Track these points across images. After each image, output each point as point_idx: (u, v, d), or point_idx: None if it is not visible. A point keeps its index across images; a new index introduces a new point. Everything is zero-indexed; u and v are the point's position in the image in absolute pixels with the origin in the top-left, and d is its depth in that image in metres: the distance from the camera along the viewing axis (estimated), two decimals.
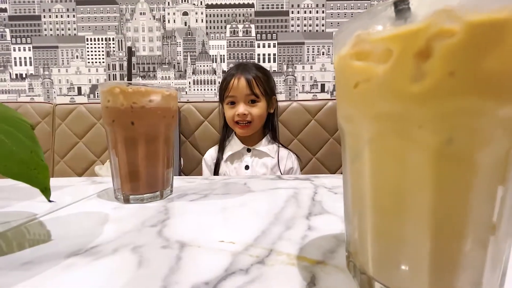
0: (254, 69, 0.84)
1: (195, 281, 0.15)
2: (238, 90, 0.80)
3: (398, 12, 0.11)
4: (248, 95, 0.80)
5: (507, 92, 0.09)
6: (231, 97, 0.82)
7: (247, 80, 0.80)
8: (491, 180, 0.10)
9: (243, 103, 0.81)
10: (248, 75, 0.81)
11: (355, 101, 0.13)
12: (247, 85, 0.80)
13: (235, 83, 0.80)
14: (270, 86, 0.85)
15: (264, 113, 0.84)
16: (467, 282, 0.11)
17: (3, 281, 0.16)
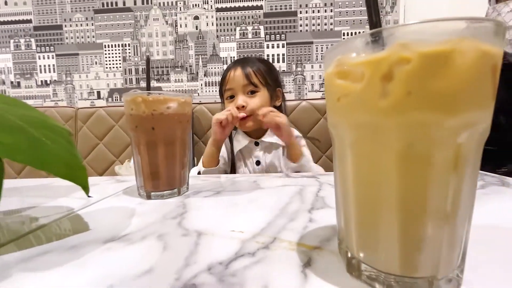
0: (254, 61, 0.79)
1: (210, 261, 0.18)
2: (235, 81, 0.75)
3: (372, 42, 0.13)
4: (246, 86, 0.75)
5: (451, 107, 0.12)
6: (229, 90, 0.77)
7: (244, 70, 0.75)
8: (444, 175, 0.13)
9: (241, 95, 0.75)
10: (246, 66, 0.76)
11: (339, 112, 0.15)
12: (244, 75, 0.75)
13: (231, 75, 0.76)
14: (273, 77, 0.80)
15: (267, 104, 0.78)
16: (429, 260, 0.13)
17: (57, 259, 0.19)
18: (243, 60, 0.80)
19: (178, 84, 1.29)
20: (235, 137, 0.85)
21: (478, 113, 0.12)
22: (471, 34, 0.11)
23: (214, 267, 0.18)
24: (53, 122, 0.28)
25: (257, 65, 0.77)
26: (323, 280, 0.16)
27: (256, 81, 0.75)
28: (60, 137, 0.26)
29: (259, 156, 0.82)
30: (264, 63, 0.81)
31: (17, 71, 1.32)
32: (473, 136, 0.13)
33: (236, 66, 0.77)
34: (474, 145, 0.13)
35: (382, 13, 1.20)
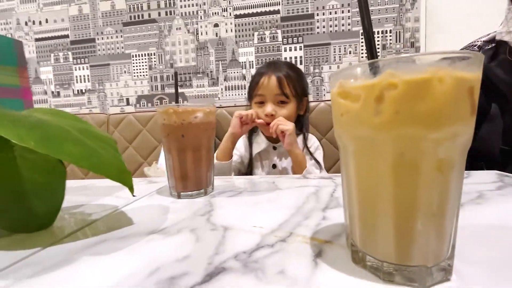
0: (286, 67, 0.79)
1: (236, 251, 0.22)
2: (268, 89, 0.77)
3: (368, 70, 0.16)
4: (277, 95, 0.77)
5: (432, 123, 0.14)
6: (260, 96, 0.79)
7: (278, 78, 0.76)
8: (430, 179, 0.15)
9: (271, 103, 0.77)
10: (279, 74, 0.77)
11: (342, 126, 0.18)
12: (278, 84, 0.76)
13: (265, 82, 0.77)
14: (302, 86, 0.81)
15: (293, 115, 0.80)
16: (421, 251, 0.16)
17: (113, 247, 0.24)
18: (276, 66, 0.80)
19: (200, 89, 1.35)
20: (255, 140, 0.88)
21: (458, 127, 0.15)
22: (448, 64, 0.14)
23: (239, 255, 0.21)
24: (102, 133, 0.33)
25: (289, 73, 0.78)
26: (332, 268, 0.19)
27: (288, 92, 0.77)
28: (109, 146, 0.31)
29: (275, 160, 0.85)
30: (295, 71, 0.81)
31: (57, 82, 1.46)
32: (455, 146, 0.15)
33: (270, 73, 0.78)
34: (457, 153, 0.15)
35: (402, 11, 1.18)
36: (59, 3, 1.42)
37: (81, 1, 1.40)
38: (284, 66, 0.81)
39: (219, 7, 1.29)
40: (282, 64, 0.82)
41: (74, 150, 0.25)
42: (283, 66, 0.80)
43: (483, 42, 0.58)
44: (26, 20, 1.45)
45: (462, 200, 0.32)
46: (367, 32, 0.17)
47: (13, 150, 0.27)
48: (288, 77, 0.77)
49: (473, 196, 0.33)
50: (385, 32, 1.19)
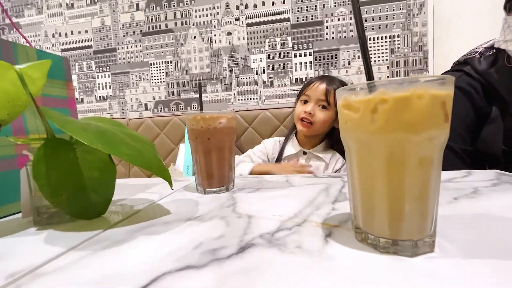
0: (338, 81, 0.90)
1: (261, 232, 0.27)
2: (315, 92, 0.87)
3: (366, 89, 0.21)
4: (321, 100, 0.86)
5: (414, 129, 0.19)
6: (306, 96, 0.89)
7: (327, 86, 0.87)
8: (414, 172, 0.20)
9: (314, 104, 0.87)
10: (329, 85, 0.87)
11: (346, 131, 0.23)
12: (325, 91, 0.86)
13: (314, 86, 0.88)
14: None
15: (329, 121, 0.89)
16: (409, 227, 0.21)
17: (159, 230, 0.29)
18: (330, 78, 0.91)
19: (214, 95, 1.42)
20: (289, 144, 0.97)
21: (434, 132, 0.19)
22: (425, 85, 0.19)
23: (263, 235, 0.26)
24: (142, 137, 0.39)
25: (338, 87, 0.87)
26: (339, 244, 0.23)
27: (331, 100, 0.86)
28: (150, 148, 0.36)
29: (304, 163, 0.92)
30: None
31: (81, 89, 1.56)
32: (432, 146, 0.20)
33: (323, 80, 0.89)
34: (434, 152, 0.20)
35: (410, 16, 1.21)
36: (83, 16, 1.52)
37: (103, 13, 1.50)
38: (337, 81, 0.91)
39: (232, 16, 1.36)
40: (336, 79, 0.92)
41: (128, 151, 0.30)
42: (336, 81, 0.91)
43: (484, 49, 0.61)
44: (53, 32, 1.57)
45: (458, 194, 0.36)
46: (365, 57, 0.22)
47: (75, 152, 0.34)
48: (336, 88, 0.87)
49: (468, 191, 0.37)
50: (393, 37, 1.22)
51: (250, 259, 0.22)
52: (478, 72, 0.58)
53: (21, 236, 0.30)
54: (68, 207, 0.32)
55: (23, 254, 0.25)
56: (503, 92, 0.54)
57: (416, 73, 1.22)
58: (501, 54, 0.56)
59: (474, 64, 0.60)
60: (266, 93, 1.37)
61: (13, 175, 0.39)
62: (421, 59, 1.21)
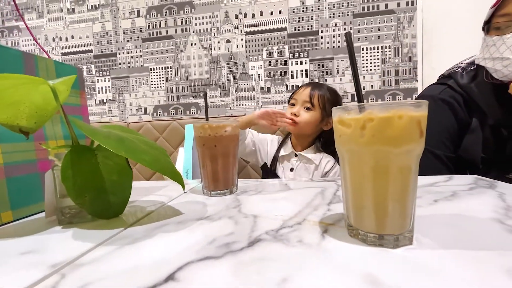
0: (324, 88, 0.99)
1: (266, 229, 0.31)
2: (300, 96, 0.97)
3: (357, 110, 0.25)
4: (305, 102, 0.96)
5: (395, 143, 0.23)
6: (293, 100, 0.99)
7: (311, 92, 0.96)
8: (396, 178, 0.24)
9: (299, 106, 0.97)
10: (314, 90, 0.96)
11: (340, 143, 0.27)
12: (309, 94, 0.96)
13: (301, 91, 0.98)
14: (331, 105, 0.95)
15: (314, 123, 0.96)
16: (392, 223, 0.25)
17: (174, 228, 0.33)
18: (318, 84, 1.01)
19: (213, 100, 1.45)
20: (283, 146, 1.05)
21: (411, 146, 0.24)
22: (404, 107, 0.23)
23: (269, 232, 0.30)
24: (156, 145, 0.42)
25: (324, 92, 0.97)
26: (334, 238, 0.27)
27: (315, 102, 0.95)
28: (163, 154, 0.40)
29: (294, 165, 1.01)
30: (331, 93, 0.99)
31: None
32: (410, 157, 0.24)
33: (308, 86, 0.99)
34: (413, 161, 0.24)
35: (400, 28, 1.27)
36: (84, 21, 1.55)
37: (104, 19, 1.53)
38: (324, 87, 1.00)
39: (231, 24, 1.41)
40: (324, 85, 1.01)
41: (147, 158, 0.34)
42: (323, 86, 0.99)
43: (466, 64, 0.67)
44: (54, 36, 1.59)
45: (438, 197, 0.40)
46: (356, 81, 0.26)
47: (97, 157, 0.37)
48: (321, 94, 0.96)
49: (447, 194, 0.41)
50: (385, 48, 1.28)
51: (260, 251, 0.25)
52: (460, 85, 0.63)
53: (49, 234, 0.33)
54: (90, 208, 0.36)
55: (58, 248, 0.28)
56: (482, 105, 0.60)
57: (406, 82, 1.28)
58: (481, 70, 0.61)
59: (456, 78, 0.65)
60: (263, 99, 1.41)
61: (34, 178, 0.42)
62: (410, 69, 1.27)
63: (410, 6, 1.23)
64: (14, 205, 0.38)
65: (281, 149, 1.04)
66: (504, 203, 0.37)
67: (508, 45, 0.53)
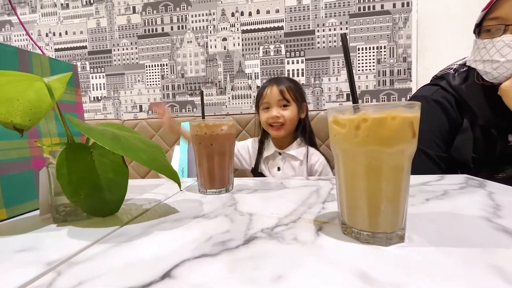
0: (285, 80, 0.98)
1: (262, 227, 0.31)
2: (271, 97, 0.94)
3: (352, 110, 0.26)
4: (280, 100, 0.94)
5: (388, 143, 0.24)
6: (266, 103, 0.96)
7: (279, 88, 0.94)
8: (388, 176, 0.25)
9: (276, 107, 0.94)
10: (280, 85, 0.95)
11: (335, 142, 0.28)
12: (279, 92, 0.94)
13: (269, 92, 0.95)
14: (300, 94, 0.98)
15: (295, 116, 0.96)
16: (384, 222, 0.25)
17: (171, 226, 0.33)
18: (277, 79, 0.99)
19: (208, 98, 1.45)
20: (265, 147, 1.03)
21: (404, 145, 0.24)
22: (397, 109, 0.24)
23: (264, 230, 0.30)
24: (152, 143, 0.42)
25: (288, 84, 0.95)
26: (329, 236, 0.28)
27: (288, 97, 0.94)
28: (160, 152, 0.40)
29: (280, 163, 1.00)
30: (293, 82, 0.98)
31: None
32: (403, 156, 0.25)
33: (272, 84, 0.96)
34: (404, 161, 0.25)
35: (395, 29, 1.29)
36: (78, 17, 1.53)
37: (99, 15, 1.51)
38: (284, 79, 0.99)
39: (227, 22, 1.40)
40: (282, 78, 1.00)
41: (143, 156, 0.34)
42: (282, 79, 0.98)
43: (458, 65, 0.68)
44: (47, 31, 1.56)
45: (429, 196, 0.41)
46: (351, 82, 0.27)
47: (92, 155, 0.37)
48: (288, 87, 0.95)
49: (439, 193, 0.42)
50: (380, 48, 1.30)
51: (255, 248, 0.26)
52: (452, 86, 0.65)
53: (44, 231, 0.33)
54: (85, 206, 0.36)
55: (54, 246, 0.28)
56: (473, 106, 0.61)
57: (401, 82, 1.30)
58: (472, 72, 0.62)
59: (449, 79, 0.66)
60: None
61: (28, 176, 0.42)
62: (405, 69, 1.29)
63: (406, 7, 1.24)
64: (8, 203, 0.38)
65: (263, 150, 1.03)
66: (493, 202, 0.38)
67: (498, 48, 0.55)
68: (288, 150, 0.99)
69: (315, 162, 0.98)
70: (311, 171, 0.98)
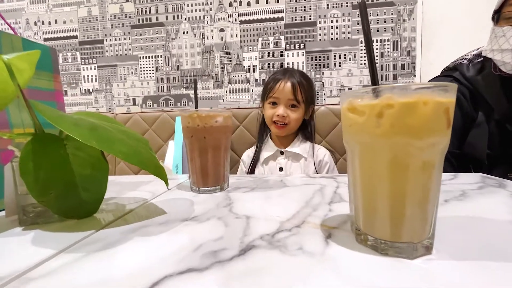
0: (299, 75, 0.89)
1: (261, 233, 0.27)
2: (283, 93, 0.87)
3: (371, 94, 0.21)
4: (290, 100, 0.87)
5: (417, 134, 0.19)
6: (274, 98, 0.89)
7: (293, 84, 0.86)
8: (416, 175, 0.20)
9: (284, 106, 0.87)
10: (294, 80, 0.86)
11: (350, 133, 0.23)
12: (292, 89, 0.86)
13: (281, 86, 0.87)
14: (311, 94, 0.91)
15: (301, 118, 0.90)
16: (410, 230, 0.21)
17: (155, 230, 0.28)
18: (292, 73, 0.89)
19: (205, 92, 1.40)
20: (264, 147, 0.96)
21: (436, 138, 0.20)
22: (431, 91, 0.19)
23: (264, 236, 0.26)
24: (136, 134, 0.38)
25: (302, 82, 0.87)
26: (340, 246, 0.24)
27: (300, 98, 0.87)
28: (144, 145, 0.35)
29: (283, 163, 0.92)
30: (307, 80, 0.91)
31: (64, 81, 1.50)
32: (434, 151, 0.20)
33: (286, 79, 0.87)
34: (436, 156, 0.20)
35: (399, 21, 1.24)
36: (69, 5, 1.46)
37: (90, 3, 1.44)
38: (298, 74, 0.90)
39: (225, 12, 1.34)
40: (296, 72, 0.91)
41: (123, 149, 0.29)
42: (297, 74, 0.90)
43: (472, 56, 0.64)
44: (36, 20, 1.49)
45: (448, 196, 0.37)
46: (371, 62, 0.22)
47: (66, 148, 0.32)
48: (301, 85, 0.87)
49: (457, 194, 0.38)
50: (383, 41, 1.25)
51: (253, 260, 0.21)
52: (466, 78, 0.60)
53: (6, 237, 0.28)
54: (57, 206, 0.31)
55: (9, 257, 0.24)
56: (489, 98, 0.57)
57: (404, 77, 1.25)
58: (488, 62, 0.58)
59: (462, 71, 0.62)
60: (258, 92, 1.36)
61: None
62: (409, 63, 1.25)
63: None
64: None
65: (261, 151, 0.96)
66: None
67: None
68: (291, 148, 0.92)
69: (323, 157, 0.92)
70: (319, 168, 0.91)
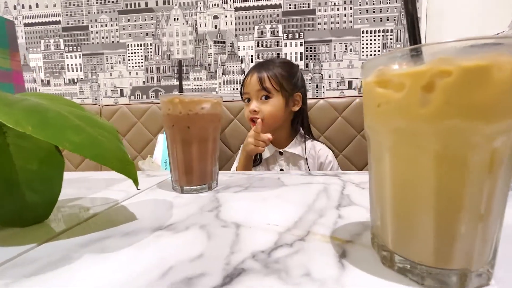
0: (274, 65, 0.80)
1: (253, 250, 0.20)
2: (250, 86, 0.79)
3: (414, 56, 0.15)
4: (259, 91, 0.78)
5: (487, 116, 0.13)
6: (246, 94, 0.82)
7: (258, 75, 0.78)
8: (479, 177, 0.14)
9: (255, 100, 0.79)
10: (261, 71, 0.78)
11: (378, 117, 0.17)
12: (258, 80, 0.77)
13: (248, 80, 0.80)
14: (290, 82, 0.80)
15: (280, 111, 0.80)
16: (462, 253, 0.15)
17: (116, 244, 0.22)
18: (262, 64, 0.82)
19: (197, 83, 1.32)
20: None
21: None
22: (508, 51, 0.13)
23: (257, 255, 0.20)
24: (103, 121, 0.31)
25: (275, 70, 0.78)
26: (360, 269, 0.17)
27: (269, 87, 0.77)
28: (111, 135, 0.28)
29: (283, 165, 0.86)
30: (284, 67, 0.80)
31: (47, 70, 1.40)
32: (508, 141, 0.14)
33: (253, 71, 0.80)
34: (509, 150, 0.14)
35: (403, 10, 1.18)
36: None
37: None
38: (272, 63, 0.81)
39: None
40: (270, 62, 0.82)
41: (75, 138, 0.22)
42: (270, 64, 0.81)
43: None
44: (15, 3, 1.38)
45: None
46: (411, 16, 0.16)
47: (6, 136, 0.25)
48: (270, 72, 0.78)
49: None
50: (386, 31, 1.19)
51: None
52: None
53: None
54: None
55: None
56: None
57: None
58: None
59: None
60: None
61: None
62: None
63: None
64: None
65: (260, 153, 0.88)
66: None
67: None
68: (289, 149, 0.85)
69: (325, 157, 0.84)
70: (322, 169, 0.84)
